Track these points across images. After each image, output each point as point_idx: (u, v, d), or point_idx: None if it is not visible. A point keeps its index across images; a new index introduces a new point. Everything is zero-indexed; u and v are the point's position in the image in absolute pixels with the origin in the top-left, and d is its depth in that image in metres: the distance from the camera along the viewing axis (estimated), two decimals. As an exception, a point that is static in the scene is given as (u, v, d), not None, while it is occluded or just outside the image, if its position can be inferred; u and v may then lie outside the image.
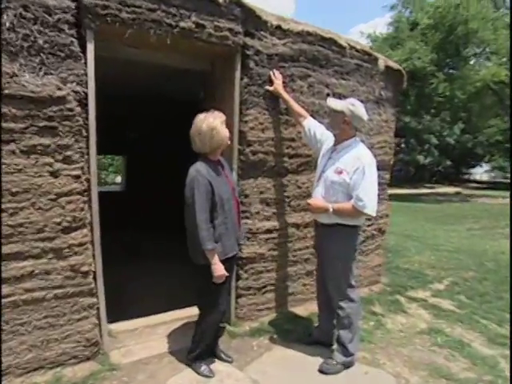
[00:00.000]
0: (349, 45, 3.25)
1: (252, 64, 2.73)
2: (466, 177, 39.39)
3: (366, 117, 2.45)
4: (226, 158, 2.55)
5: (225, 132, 2.19)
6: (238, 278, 3.01)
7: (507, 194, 17.68)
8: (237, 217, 2.34)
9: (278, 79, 2.83)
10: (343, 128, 2.44)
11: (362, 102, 2.54)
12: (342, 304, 2.52)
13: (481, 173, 43.29)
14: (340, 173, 2.40)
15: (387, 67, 3.60)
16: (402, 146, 24.37)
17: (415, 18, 19.88)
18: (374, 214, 2.39)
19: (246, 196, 2.89)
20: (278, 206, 3.08)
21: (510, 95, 15.56)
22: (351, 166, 2.36)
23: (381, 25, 46.72)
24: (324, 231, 2.54)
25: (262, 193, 2.95)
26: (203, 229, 2.07)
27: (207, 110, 3.02)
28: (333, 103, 2.47)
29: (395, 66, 3.69)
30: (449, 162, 30.18)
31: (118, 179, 19.82)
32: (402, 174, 28.03)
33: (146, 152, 6.93)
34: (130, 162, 7.58)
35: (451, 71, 19.03)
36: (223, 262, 2.19)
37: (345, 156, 2.44)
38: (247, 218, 2.93)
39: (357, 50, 3.33)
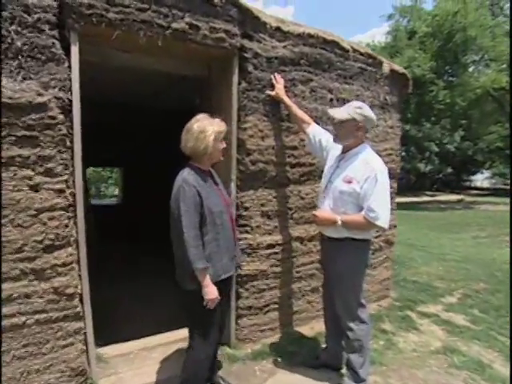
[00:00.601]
0: (352, 48, 3.09)
1: (250, 67, 2.56)
2: (467, 184, 39.26)
3: (374, 116, 2.28)
4: (217, 170, 2.38)
5: (215, 143, 1.95)
6: (238, 296, 2.80)
7: (508, 200, 17.46)
8: (232, 234, 2.11)
9: (279, 83, 2.67)
10: (357, 136, 2.26)
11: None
12: (352, 325, 2.31)
13: (481, 179, 43.13)
14: (349, 182, 2.20)
15: (392, 71, 3.44)
16: (403, 154, 24.26)
17: (413, 27, 19.95)
18: (387, 227, 2.19)
19: (246, 209, 2.70)
20: (280, 219, 2.88)
21: (510, 102, 15.48)
22: (362, 174, 2.16)
23: (379, 35, 47.09)
24: (331, 246, 2.34)
25: (262, 205, 2.76)
26: (192, 246, 1.80)
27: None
28: (338, 114, 2.28)
29: (400, 69, 3.53)
30: (449, 170, 30.13)
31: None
32: (403, 182, 27.85)
33: (142, 163, 6.76)
34: (126, 174, 7.40)
35: (451, 78, 19.00)
36: (215, 285, 1.92)
37: (354, 163, 2.25)
38: (247, 232, 2.73)
39: (360, 54, 3.17)
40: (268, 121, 2.69)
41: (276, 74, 2.67)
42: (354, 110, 2.22)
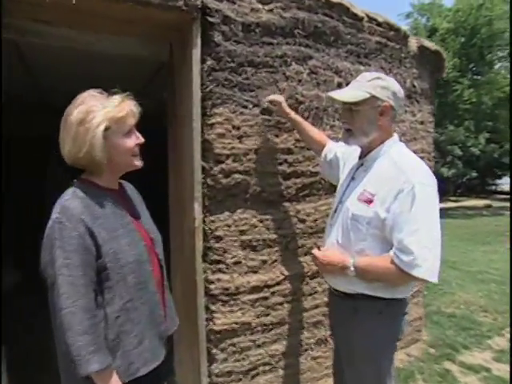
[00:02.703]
0: (367, 16, 2.29)
1: (218, 37, 1.78)
2: (493, 188, 37.50)
3: (403, 92, 1.49)
4: (176, 184, 1.60)
5: (114, 139, 1.13)
6: (212, 360, 2.01)
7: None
8: (160, 294, 1.28)
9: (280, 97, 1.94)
10: (381, 125, 1.44)
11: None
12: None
13: (508, 183, 41.02)
14: (368, 201, 1.38)
15: (421, 48, 2.61)
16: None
17: (433, 24, 18.99)
18: (436, 279, 1.32)
19: (219, 239, 1.90)
20: (271, 251, 2.08)
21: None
22: (389, 187, 1.34)
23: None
24: (340, 305, 1.52)
25: (243, 232, 1.96)
26: (78, 332, 1.00)
27: (171, 114, 2.13)
28: (348, 94, 1.48)
29: (432, 46, 2.70)
30: (474, 174, 28.68)
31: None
32: (425, 187, 26.54)
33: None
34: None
35: (475, 77, 17.89)
36: None
37: (376, 171, 1.43)
38: (221, 271, 1.93)
39: (378, 24, 2.36)
40: (248, 114, 1.89)
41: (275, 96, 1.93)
42: (373, 83, 1.41)
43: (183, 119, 1.89)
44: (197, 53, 1.76)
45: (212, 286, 1.93)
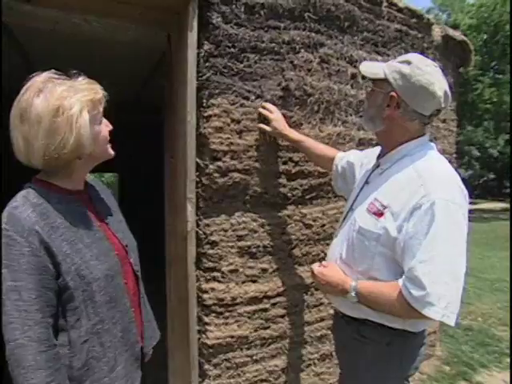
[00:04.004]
0: (386, 0, 2.07)
1: (217, 19, 1.59)
2: (509, 191, 36.62)
3: (440, 90, 1.16)
4: (169, 185, 1.42)
5: (93, 128, 0.95)
6: (204, 375, 1.84)
7: None
8: (136, 310, 1.10)
9: (273, 113, 1.70)
10: (388, 118, 1.21)
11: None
12: None
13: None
14: (378, 213, 1.16)
15: (446, 38, 2.37)
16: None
17: (454, 20, 18.44)
18: (453, 323, 1.09)
19: (214, 244, 1.72)
20: (272, 259, 1.89)
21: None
22: (404, 199, 1.11)
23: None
24: (346, 329, 1.31)
25: (241, 238, 1.77)
26: (29, 368, 0.81)
27: (169, 105, 1.95)
28: (372, 67, 1.29)
29: (458, 35, 2.46)
30: (492, 175, 27.97)
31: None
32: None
33: (142, 168, 5.92)
34: (123, 180, 6.65)
35: (497, 75, 17.32)
36: None
37: (392, 176, 1.20)
38: (216, 279, 1.75)
39: (399, 10, 2.13)
40: (249, 106, 1.69)
41: (265, 104, 1.71)
42: (396, 66, 1.20)
43: (178, 110, 1.71)
44: (192, 36, 1.56)
45: (205, 296, 1.75)
